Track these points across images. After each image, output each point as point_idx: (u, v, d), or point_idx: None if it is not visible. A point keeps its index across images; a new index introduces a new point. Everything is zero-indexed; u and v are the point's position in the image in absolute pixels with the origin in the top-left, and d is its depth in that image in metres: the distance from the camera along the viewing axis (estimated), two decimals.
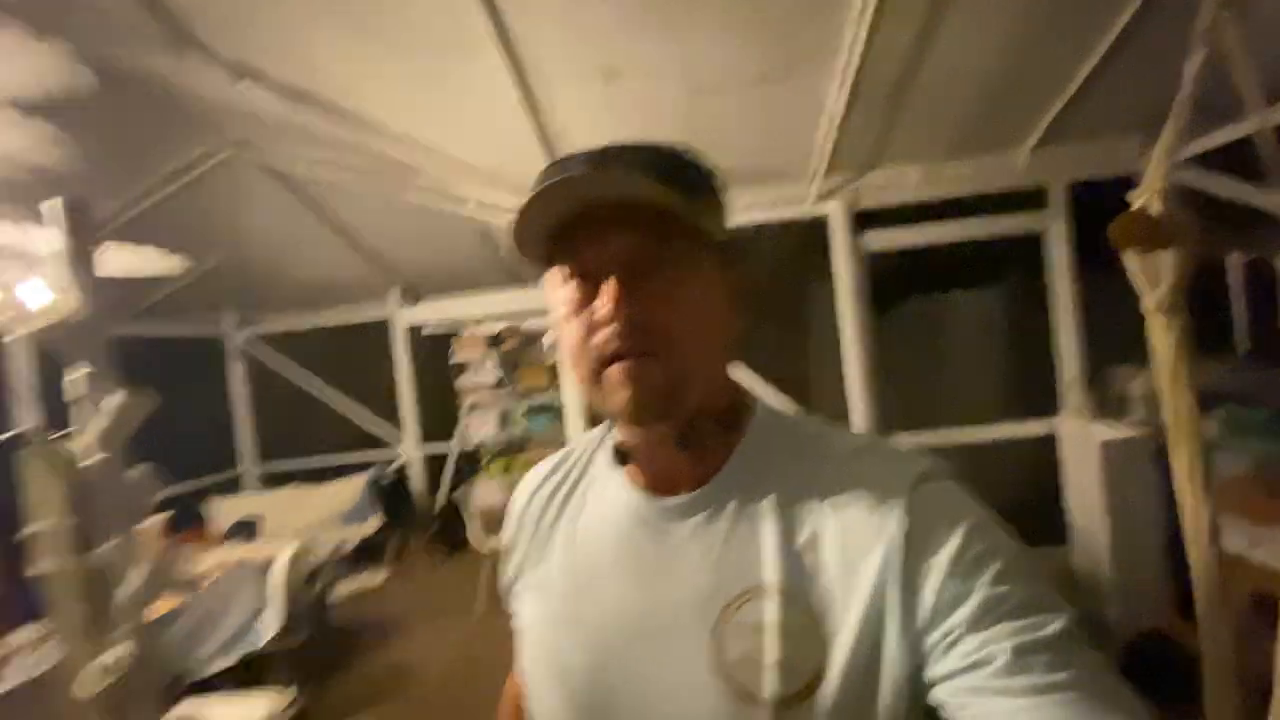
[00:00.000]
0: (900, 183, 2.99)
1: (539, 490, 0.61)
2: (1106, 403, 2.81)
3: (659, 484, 0.52)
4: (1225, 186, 2.55)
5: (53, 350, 1.10)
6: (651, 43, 2.16)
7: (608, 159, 0.47)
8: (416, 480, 5.33)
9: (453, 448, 5.35)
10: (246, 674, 2.64)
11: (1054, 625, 0.38)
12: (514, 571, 0.60)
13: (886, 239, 3.04)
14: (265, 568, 2.94)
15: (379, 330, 5.21)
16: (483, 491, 4.68)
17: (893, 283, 3.16)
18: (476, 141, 2.90)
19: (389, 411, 5.40)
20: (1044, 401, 2.99)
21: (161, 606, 2.53)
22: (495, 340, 5.17)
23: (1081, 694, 0.36)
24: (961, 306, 3.38)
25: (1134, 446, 2.34)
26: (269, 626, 2.73)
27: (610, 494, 0.55)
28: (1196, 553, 1.28)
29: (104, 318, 1.13)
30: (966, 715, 0.38)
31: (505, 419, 5.23)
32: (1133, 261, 1.25)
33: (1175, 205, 1.13)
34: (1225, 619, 1.27)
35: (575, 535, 0.56)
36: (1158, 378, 1.27)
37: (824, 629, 0.43)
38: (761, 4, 2.00)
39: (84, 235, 1.13)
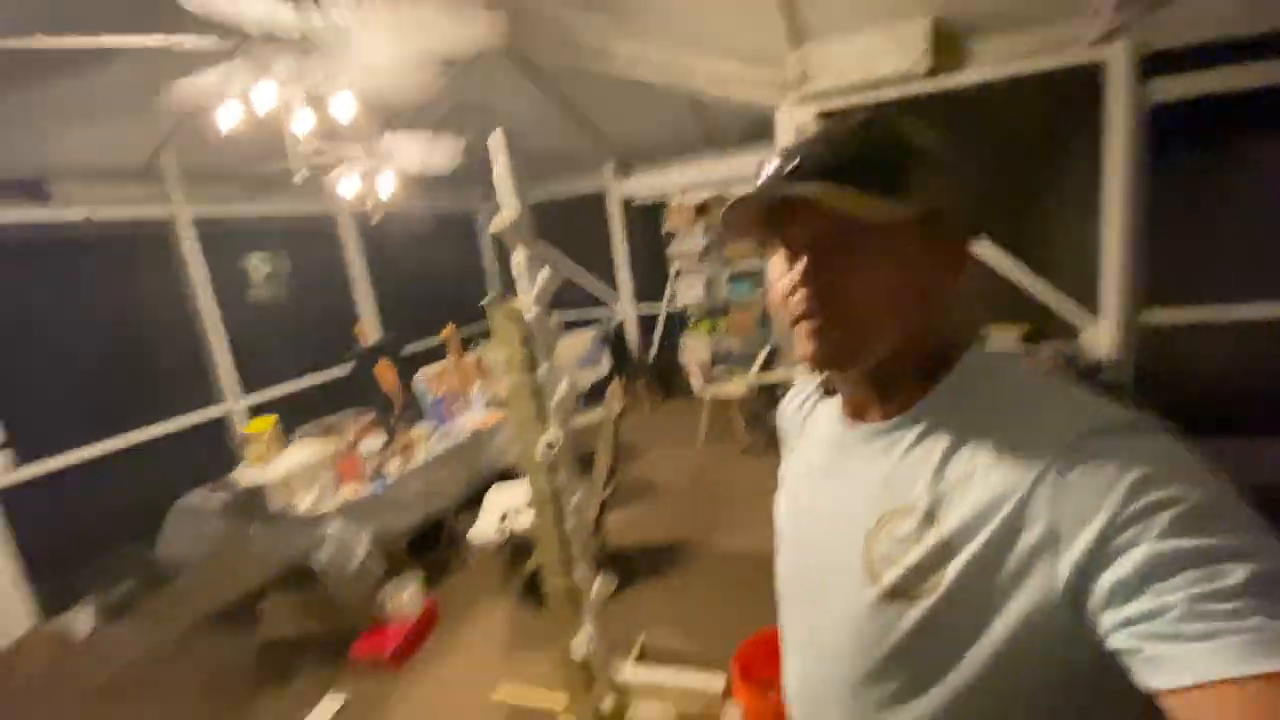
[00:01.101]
0: (1207, 15, 2.52)
1: (797, 400, 0.77)
2: None
3: (855, 413, 0.62)
4: None
5: (506, 241, 1.62)
6: None
7: (805, 158, 0.53)
8: (631, 336, 6.05)
9: (663, 308, 5.94)
10: None
11: (1241, 573, 0.36)
12: (781, 466, 0.77)
13: (1182, 86, 2.65)
14: None
15: (597, 201, 5.71)
16: (694, 346, 5.25)
17: (1170, 134, 2.78)
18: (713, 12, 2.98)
19: (608, 275, 6.07)
20: None
21: (490, 420, 3.46)
22: (701, 209, 5.43)
23: (1267, 639, 0.34)
24: (1253, 163, 2.86)
25: None
26: None
27: (826, 415, 0.67)
28: None
29: (529, 218, 1.62)
30: (1139, 659, 0.39)
31: (710, 285, 5.63)
32: None
33: None
34: None
35: (808, 441, 0.70)
36: None
37: (948, 550, 0.48)
38: None
39: (517, 158, 1.59)
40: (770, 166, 0.55)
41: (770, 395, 4.26)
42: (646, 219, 5.81)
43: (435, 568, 3.14)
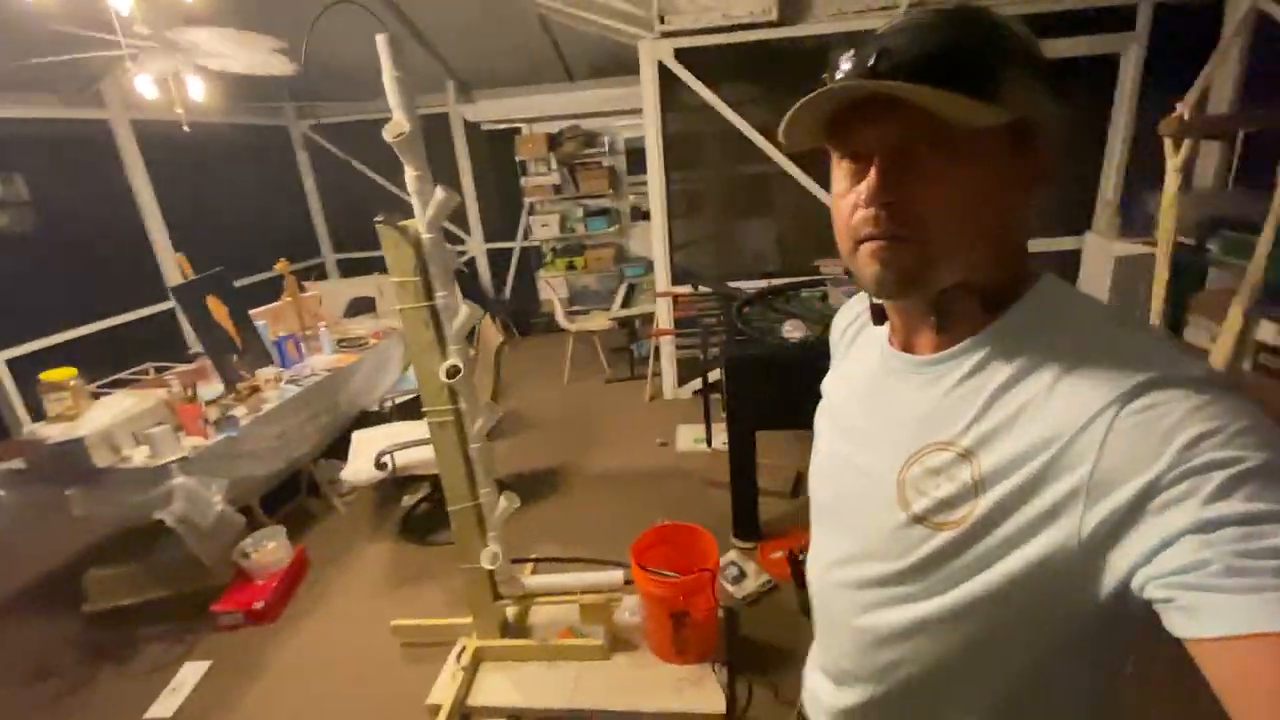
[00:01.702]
0: None
1: (847, 318, 0.74)
2: (1134, 224, 3.21)
3: (907, 343, 0.58)
4: None
5: (400, 154, 1.52)
6: None
7: (886, 53, 0.46)
8: (483, 272, 5.86)
9: (517, 245, 5.81)
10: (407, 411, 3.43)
11: None
12: (826, 379, 0.74)
13: None
14: None
15: (440, 124, 5.30)
16: (553, 284, 5.26)
17: None
18: None
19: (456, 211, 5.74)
20: (1079, 221, 3.39)
21: (344, 360, 3.23)
22: (555, 141, 5.33)
23: None
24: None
25: (1142, 261, 2.82)
26: None
27: (875, 339, 0.64)
28: None
29: (420, 132, 1.54)
30: (1172, 608, 0.38)
31: (565, 220, 5.62)
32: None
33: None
34: None
35: (853, 361, 0.69)
36: (1164, 201, 1.68)
37: (979, 488, 0.47)
38: None
39: (402, 66, 1.48)
40: (848, 60, 0.49)
41: (631, 329, 4.47)
42: (496, 150, 5.57)
43: (300, 517, 2.95)
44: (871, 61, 0.47)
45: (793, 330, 2.35)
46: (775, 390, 2.29)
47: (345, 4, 1.87)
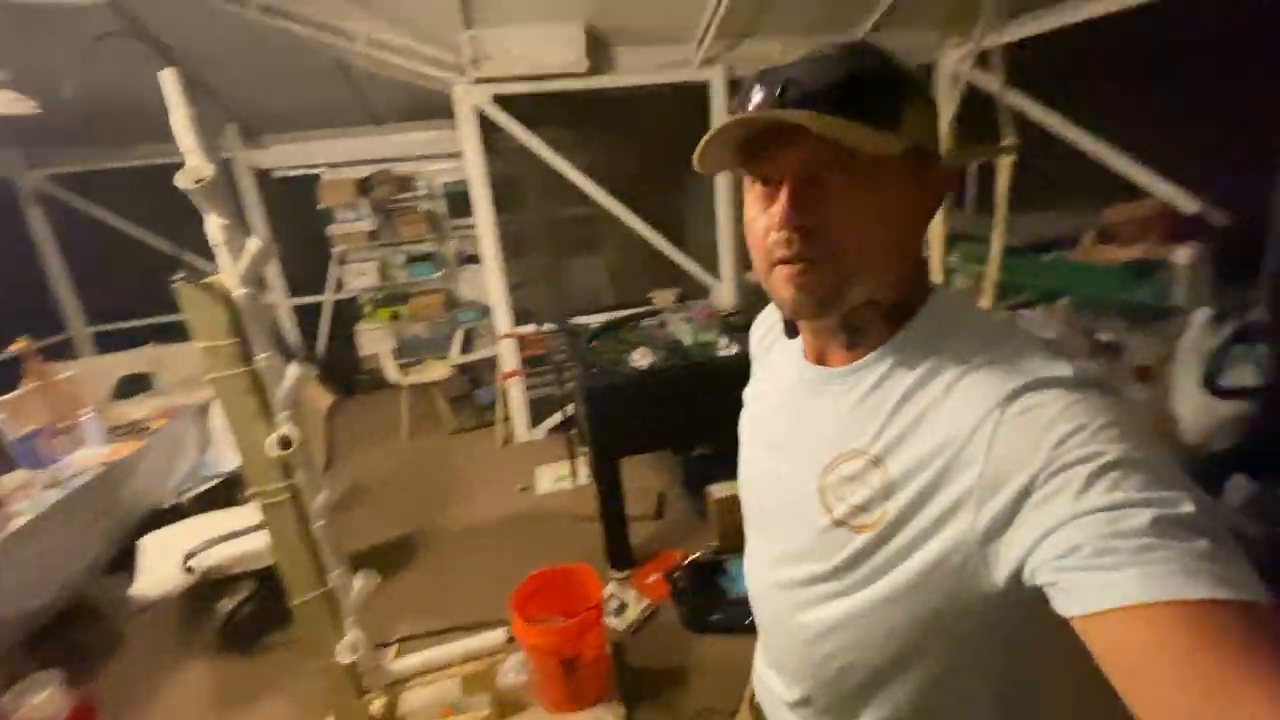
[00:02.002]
0: (765, 56, 3.52)
1: (762, 330, 0.77)
2: None
3: (819, 356, 0.61)
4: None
5: (198, 203, 1.31)
6: None
7: (793, 83, 0.48)
8: (288, 329, 5.25)
9: (328, 297, 5.31)
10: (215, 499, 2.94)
11: (1145, 516, 0.38)
12: (749, 386, 0.77)
13: None
14: (202, 410, 3.12)
15: (222, 171, 4.72)
16: (378, 336, 4.89)
17: None
18: None
19: None
20: None
21: (121, 450, 2.68)
22: (366, 186, 5.02)
23: (1174, 569, 0.36)
24: None
25: None
26: (226, 459, 2.99)
27: (789, 351, 0.66)
28: None
29: (221, 177, 1.35)
30: (1056, 590, 0.41)
31: (385, 267, 5.27)
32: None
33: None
34: None
35: (770, 372, 0.72)
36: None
37: (890, 490, 0.51)
38: None
39: (195, 105, 1.30)
40: (759, 91, 0.50)
41: (474, 375, 4.30)
42: (293, 197, 5.08)
43: (81, 654, 2.34)
44: (780, 91, 0.49)
45: (641, 358, 2.45)
46: (634, 416, 2.36)
47: (102, 38, 1.62)
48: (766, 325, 0.77)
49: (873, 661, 0.57)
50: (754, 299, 4.00)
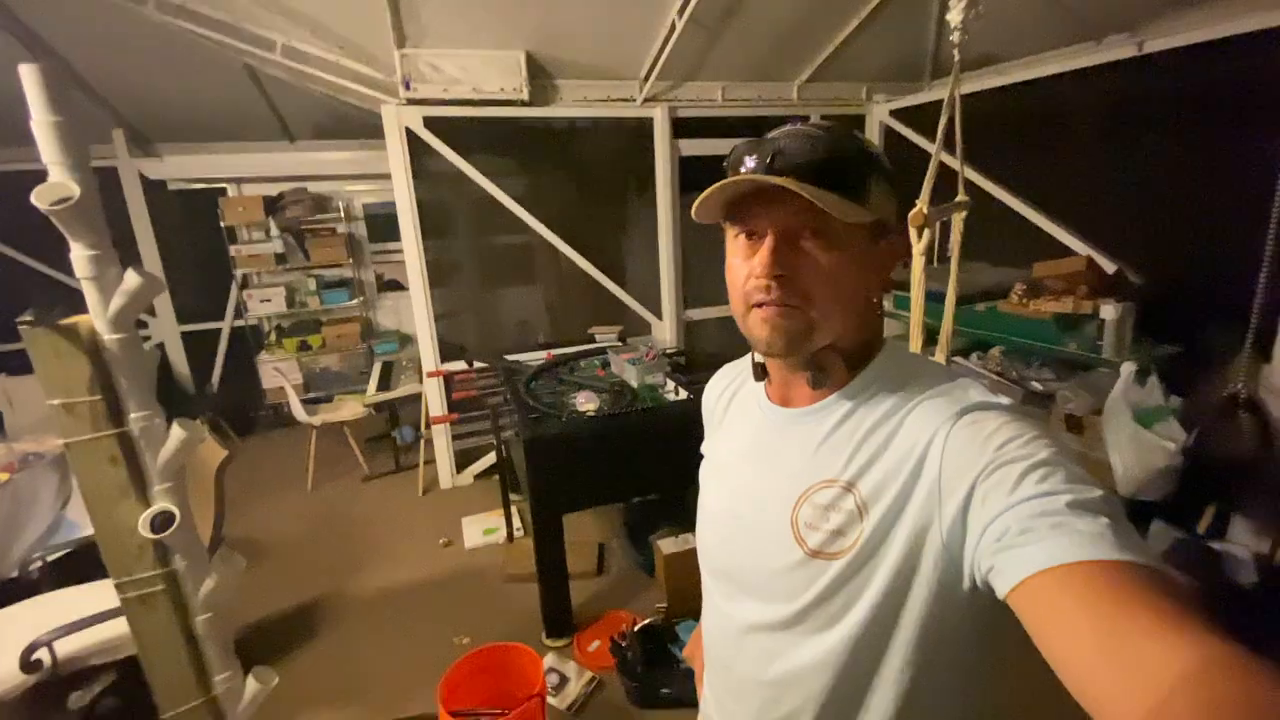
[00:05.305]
0: (708, 97, 3.53)
1: (720, 386, 0.81)
2: None
3: (784, 398, 0.67)
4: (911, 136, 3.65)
5: (62, 225, 1.05)
6: None
7: (781, 154, 0.56)
8: (178, 363, 4.68)
9: (226, 325, 4.79)
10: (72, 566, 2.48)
11: (1062, 500, 0.44)
12: (706, 443, 0.82)
13: (696, 146, 3.62)
14: (63, 458, 2.65)
15: (109, 180, 4.17)
16: (282, 369, 4.44)
17: (699, 182, 3.77)
18: None
19: None
20: None
21: None
22: (274, 205, 4.60)
23: (1081, 539, 0.42)
24: None
25: None
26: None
27: (754, 399, 0.72)
28: None
29: (96, 196, 1.09)
30: (993, 574, 0.46)
31: (293, 293, 4.83)
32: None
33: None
34: None
35: (732, 422, 0.76)
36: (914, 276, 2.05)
37: (862, 512, 0.56)
38: None
39: (65, 110, 1.04)
40: (751, 158, 0.58)
41: (393, 412, 3.95)
42: (191, 213, 4.59)
43: None
44: (769, 159, 0.57)
45: (586, 402, 2.29)
46: (580, 467, 2.19)
47: None
48: (721, 387, 0.82)
49: (848, 693, 0.59)
50: (695, 338, 3.94)
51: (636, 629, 2.12)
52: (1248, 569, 1.96)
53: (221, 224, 4.49)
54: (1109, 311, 2.22)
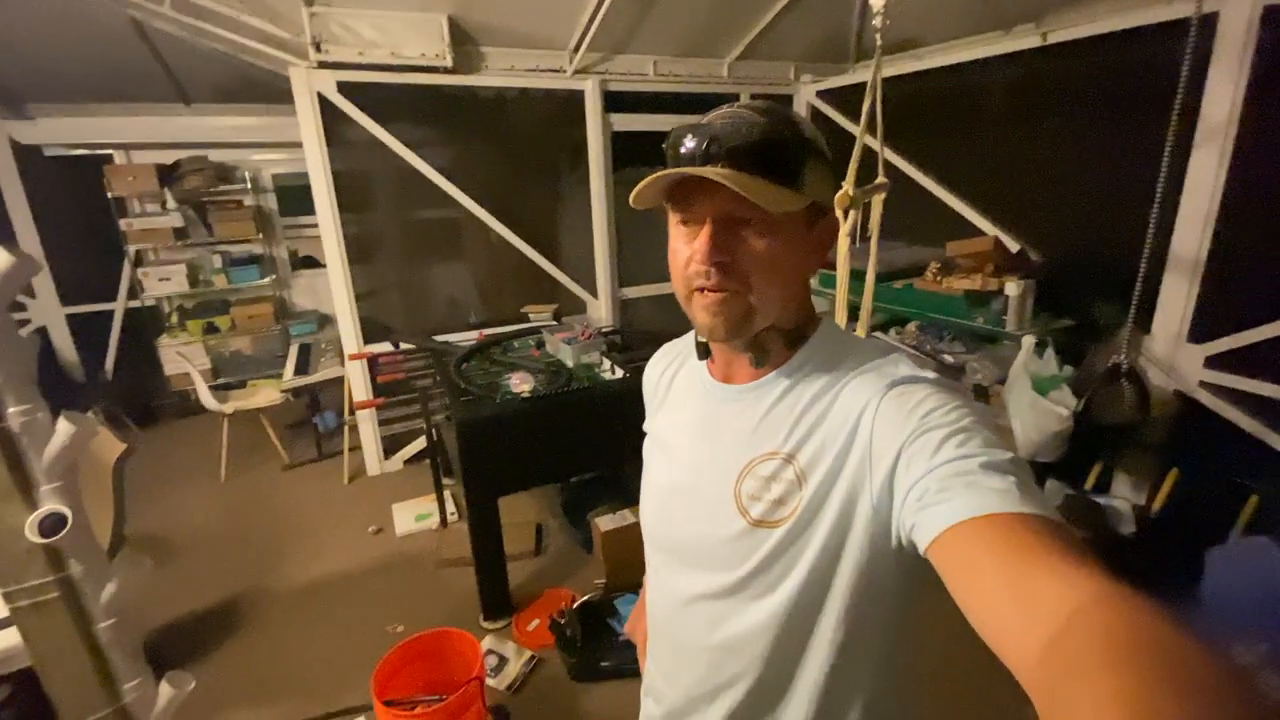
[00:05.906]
0: (640, 70, 3.49)
1: (661, 365, 0.83)
2: None
3: (727, 375, 0.69)
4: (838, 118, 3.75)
5: None
6: None
7: (716, 140, 0.57)
8: (64, 346, 4.25)
9: (119, 305, 4.38)
10: None
11: (975, 462, 0.48)
12: (648, 421, 0.83)
13: (629, 121, 3.57)
14: None
15: None
16: (186, 354, 4.12)
17: (631, 159, 3.71)
18: None
19: None
20: None
21: None
22: (171, 174, 4.21)
23: (990, 495, 0.46)
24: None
25: None
26: None
27: (696, 376, 0.74)
28: None
29: None
30: (916, 531, 0.50)
31: (197, 271, 4.47)
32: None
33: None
34: None
35: (675, 400, 0.78)
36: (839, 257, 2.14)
37: (801, 481, 0.59)
38: None
39: None
40: (689, 141, 0.58)
41: (314, 397, 3.76)
42: (73, 183, 4.14)
43: None
44: (705, 144, 0.58)
45: (521, 383, 2.25)
46: (515, 449, 2.16)
47: None
48: (665, 363, 0.83)
49: (787, 657, 0.63)
50: (631, 316, 3.94)
51: (575, 606, 2.14)
52: (1128, 520, 2.19)
53: (109, 195, 4.07)
54: (1012, 288, 2.39)
